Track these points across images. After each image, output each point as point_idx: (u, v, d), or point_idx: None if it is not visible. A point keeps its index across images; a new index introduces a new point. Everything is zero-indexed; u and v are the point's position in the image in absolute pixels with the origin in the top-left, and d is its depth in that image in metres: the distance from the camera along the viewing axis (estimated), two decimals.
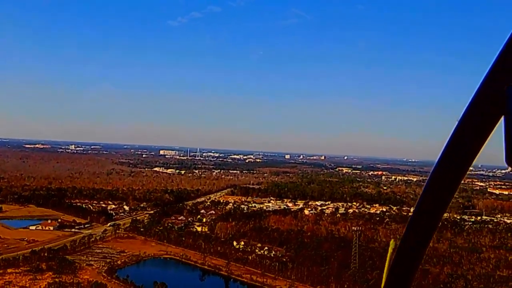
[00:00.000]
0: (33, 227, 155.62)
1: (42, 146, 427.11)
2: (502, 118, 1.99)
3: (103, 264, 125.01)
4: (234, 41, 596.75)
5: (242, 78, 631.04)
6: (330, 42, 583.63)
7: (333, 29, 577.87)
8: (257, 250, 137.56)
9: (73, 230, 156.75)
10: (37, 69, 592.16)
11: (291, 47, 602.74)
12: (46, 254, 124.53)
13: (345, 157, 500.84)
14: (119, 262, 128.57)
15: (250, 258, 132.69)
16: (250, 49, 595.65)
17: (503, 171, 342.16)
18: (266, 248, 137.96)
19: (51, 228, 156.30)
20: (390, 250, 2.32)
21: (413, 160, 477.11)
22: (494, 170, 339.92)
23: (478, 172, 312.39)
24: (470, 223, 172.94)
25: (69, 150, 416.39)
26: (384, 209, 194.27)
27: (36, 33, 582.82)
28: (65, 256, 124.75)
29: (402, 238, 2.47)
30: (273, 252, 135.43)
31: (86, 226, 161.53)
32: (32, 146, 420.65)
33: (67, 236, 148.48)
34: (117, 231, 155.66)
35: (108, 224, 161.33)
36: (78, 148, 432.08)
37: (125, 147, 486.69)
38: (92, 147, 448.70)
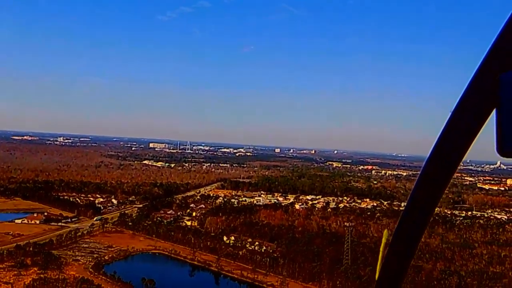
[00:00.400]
0: (18, 221, 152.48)
1: (30, 138, 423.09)
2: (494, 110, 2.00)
3: (90, 259, 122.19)
4: (224, 36, 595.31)
5: (232, 72, 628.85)
6: (319, 36, 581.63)
7: (323, 23, 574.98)
8: (247, 245, 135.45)
9: (59, 224, 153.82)
10: (27, 61, 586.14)
11: (280, 41, 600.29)
12: (31, 249, 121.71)
13: (335, 151, 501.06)
14: (106, 257, 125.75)
15: (241, 253, 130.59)
16: (239, 43, 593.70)
17: (491, 166, 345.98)
18: (256, 243, 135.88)
19: (37, 221, 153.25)
20: (383, 240, 2.37)
21: (403, 155, 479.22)
22: (482, 165, 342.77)
23: (467, 167, 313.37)
24: (461, 218, 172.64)
25: (58, 142, 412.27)
26: (375, 204, 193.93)
27: (24, 25, 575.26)
28: (50, 251, 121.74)
29: (395, 233, 2.47)
30: (264, 248, 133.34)
31: (73, 220, 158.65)
32: (20, 138, 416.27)
33: (53, 230, 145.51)
34: (105, 225, 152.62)
35: (95, 218, 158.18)
36: (66, 140, 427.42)
37: (115, 139, 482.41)
38: (81, 139, 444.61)
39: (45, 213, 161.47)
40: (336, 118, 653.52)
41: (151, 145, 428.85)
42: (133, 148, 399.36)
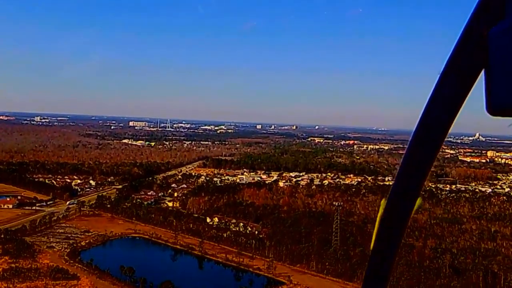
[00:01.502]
0: None
1: (6, 118, 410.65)
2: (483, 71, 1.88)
3: (66, 245, 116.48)
4: (213, 12, 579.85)
5: (213, 48, 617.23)
6: (301, 14, 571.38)
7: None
8: (232, 227, 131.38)
9: (34, 208, 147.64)
10: (4, 38, 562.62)
11: (264, 19, 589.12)
12: (2, 236, 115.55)
13: (316, 127, 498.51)
14: (83, 243, 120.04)
15: (225, 235, 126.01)
16: (235, 20, 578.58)
17: (470, 138, 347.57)
18: (241, 224, 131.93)
19: (10, 206, 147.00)
20: (381, 210, 2.39)
21: (383, 129, 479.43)
22: (461, 137, 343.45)
23: (447, 139, 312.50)
24: (446, 192, 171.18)
25: (34, 122, 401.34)
26: (359, 179, 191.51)
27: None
28: (23, 238, 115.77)
29: (386, 207, 2.38)
30: (249, 229, 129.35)
31: (48, 203, 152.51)
32: None
33: (27, 214, 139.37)
34: (82, 209, 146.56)
35: (68, 202, 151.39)
36: (43, 120, 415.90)
37: (93, 118, 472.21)
38: (58, 118, 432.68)
39: (19, 197, 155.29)
40: (317, 93, 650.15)
41: (130, 123, 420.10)
42: (112, 127, 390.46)
